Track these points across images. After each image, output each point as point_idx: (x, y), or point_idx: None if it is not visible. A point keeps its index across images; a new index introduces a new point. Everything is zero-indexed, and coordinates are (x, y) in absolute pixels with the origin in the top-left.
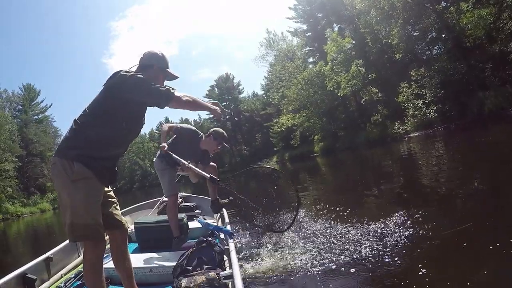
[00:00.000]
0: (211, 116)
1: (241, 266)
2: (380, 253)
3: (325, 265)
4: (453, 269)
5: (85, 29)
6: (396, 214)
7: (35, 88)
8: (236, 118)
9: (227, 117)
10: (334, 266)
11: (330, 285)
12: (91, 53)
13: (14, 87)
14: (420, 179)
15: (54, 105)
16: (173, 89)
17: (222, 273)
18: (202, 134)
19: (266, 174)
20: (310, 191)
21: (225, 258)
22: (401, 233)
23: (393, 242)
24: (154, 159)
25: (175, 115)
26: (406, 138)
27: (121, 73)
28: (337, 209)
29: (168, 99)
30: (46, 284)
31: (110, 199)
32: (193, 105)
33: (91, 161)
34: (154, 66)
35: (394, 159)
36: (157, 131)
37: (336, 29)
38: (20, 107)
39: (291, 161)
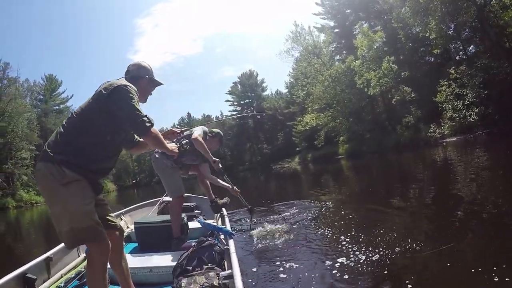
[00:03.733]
0: (233, 113)
1: (241, 266)
2: (370, 261)
3: (323, 267)
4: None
5: (111, 25)
6: (404, 226)
7: (56, 78)
8: (259, 116)
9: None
10: (330, 269)
11: (327, 285)
12: (115, 48)
13: (36, 78)
14: (449, 192)
15: (76, 96)
16: (151, 123)
17: (222, 273)
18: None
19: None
20: (328, 195)
21: (225, 258)
22: (397, 246)
23: (390, 252)
24: (157, 155)
25: (198, 112)
26: (444, 143)
27: (111, 82)
28: (347, 214)
29: (144, 132)
30: (46, 284)
31: (101, 202)
32: (159, 145)
33: (78, 169)
34: (145, 78)
35: (426, 167)
36: (178, 126)
37: (365, 25)
38: (41, 96)
39: (313, 162)
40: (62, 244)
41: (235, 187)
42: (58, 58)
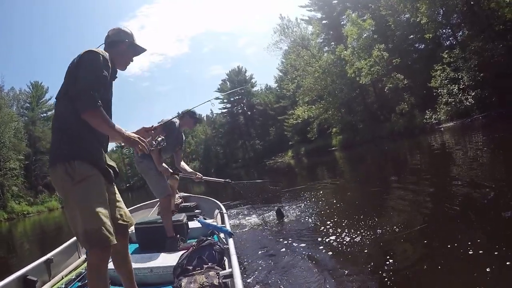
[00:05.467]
0: (224, 111)
1: (240, 265)
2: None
3: (322, 263)
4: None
5: (95, 29)
6: (390, 209)
7: (42, 85)
8: (249, 112)
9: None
10: (327, 262)
11: (327, 283)
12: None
13: (22, 85)
14: (443, 177)
15: None
16: (99, 104)
17: (222, 273)
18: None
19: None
20: (321, 186)
21: (225, 257)
22: (378, 228)
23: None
24: (139, 158)
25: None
26: (442, 129)
27: (85, 50)
28: (337, 202)
29: (83, 108)
30: (47, 285)
31: (112, 196)
32: (102, 127)
33: (83, 156)
34: (125, 42)
35: (422, 153)
36: None
37: (353, 14)
38: (28, 104)
39: (307, 155)
40: (63, 246)
41: (197, 173)
42: (43, 64)
